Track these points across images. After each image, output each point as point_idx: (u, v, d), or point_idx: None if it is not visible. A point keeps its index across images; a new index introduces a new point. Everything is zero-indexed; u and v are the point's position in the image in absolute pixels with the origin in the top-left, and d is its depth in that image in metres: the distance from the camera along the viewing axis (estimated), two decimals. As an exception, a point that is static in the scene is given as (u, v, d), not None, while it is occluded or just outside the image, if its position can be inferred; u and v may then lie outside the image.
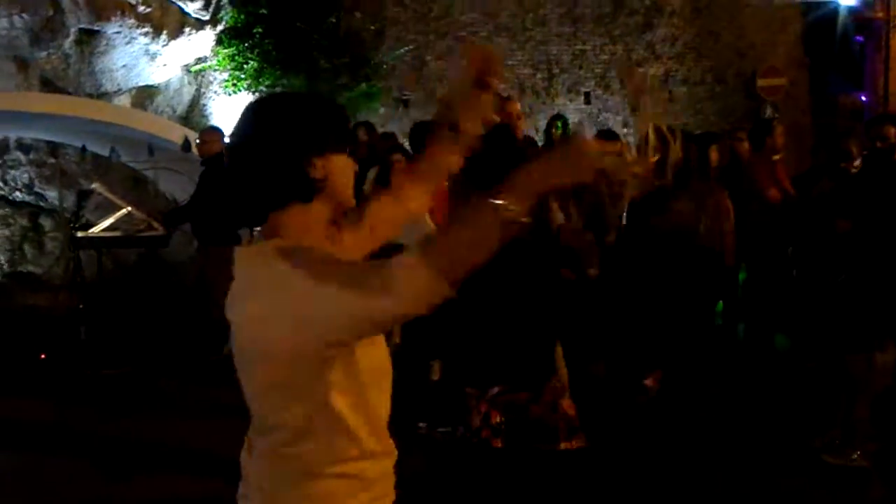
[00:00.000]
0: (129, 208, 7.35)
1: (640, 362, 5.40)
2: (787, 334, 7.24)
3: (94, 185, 7.35)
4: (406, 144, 9.35)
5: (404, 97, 12.33)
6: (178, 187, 10.67)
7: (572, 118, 12.37)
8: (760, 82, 13.07)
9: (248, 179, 1.79)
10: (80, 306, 6.88)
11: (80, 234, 7.10)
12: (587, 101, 12.80)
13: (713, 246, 6.69)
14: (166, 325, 7.18)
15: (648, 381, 5.27)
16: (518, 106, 6.98)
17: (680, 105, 13.15)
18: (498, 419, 2.76)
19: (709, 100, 13.20)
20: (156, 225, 7.29)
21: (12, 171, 11.78)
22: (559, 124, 8.48)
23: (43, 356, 7.19)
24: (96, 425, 5.89)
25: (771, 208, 6.89)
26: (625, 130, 12.03)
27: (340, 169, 1.80)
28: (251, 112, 1.87)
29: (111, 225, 7.23)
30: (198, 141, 7.45)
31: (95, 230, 7.18)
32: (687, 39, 13.18)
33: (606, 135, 6.61)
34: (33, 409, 6.26)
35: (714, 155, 6.38)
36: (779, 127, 7.65)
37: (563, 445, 2.79)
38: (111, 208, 7.47)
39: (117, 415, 6.10)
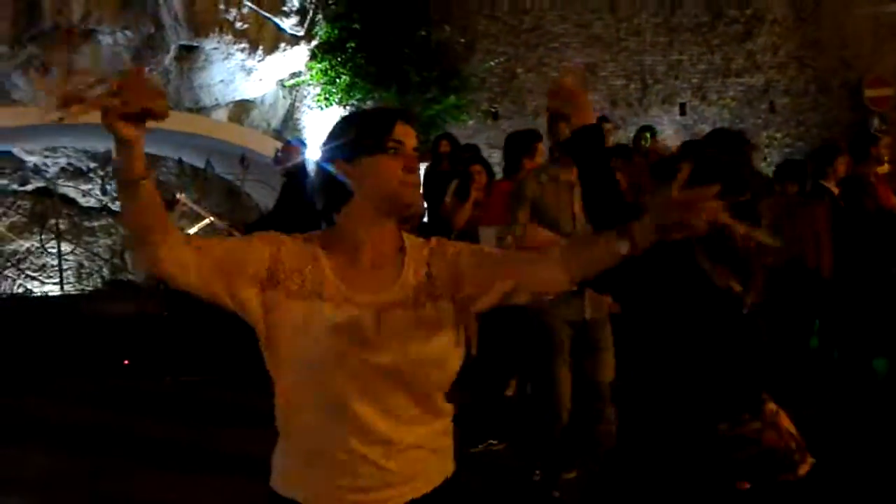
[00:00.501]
0: (212, 218, 7.50)
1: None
2: (887, 357, 6.86)
3: (178, 195, 7.52)
4: (491, 156, 9.31)
5: (493, 109, 12.28)
6: (270, 199, 10.88)
7: (665, 130, 12.11)
8: (867, 93, 12.54)
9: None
10: (164, 314, 7.04)
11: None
12: (682, 113, 12.51)
13: (809, 262, 6.42)
14: (245, 333, 7.27)
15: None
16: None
17: (781, 116, 12.71)
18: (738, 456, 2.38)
19: (812, 111, 12.73)
20: (237, 234, 7.41)
21: (114, 183, 12.22)
22: (647, 136, 8.30)
23: (126, 362, 7.38)
24: (169, 430, 5.99)
25: (874, 224, 6.54)
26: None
27: (375, 170, 1.94)
28: None
29: (194, 234, 7.38)
30: (279, 153, 7.56)
31: (179, 238, 7.27)
32: (789, 48, 12.76)
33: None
34: (107, 414, 6.43)
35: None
36: (884, 138, 7.27)
37: (802, 470, 2.42)
38: (197, 218, 7.64)
39: (191, 421, 6.20)
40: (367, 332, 1.91)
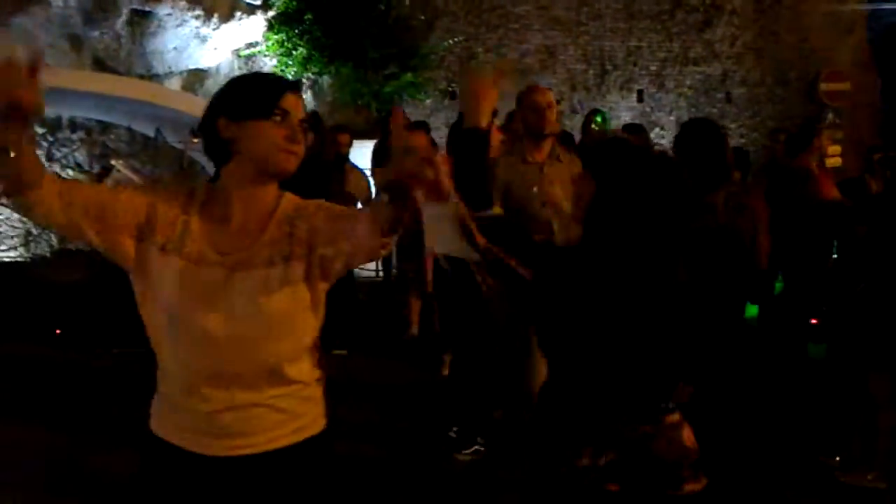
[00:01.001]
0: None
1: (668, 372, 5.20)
2: (824, 343, 6.92)
3: (113, 162, 7.36)
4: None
5: (451, 89, 12.20)
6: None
7: (623, 116, 12.13)
8: (823, 87, 12.64)
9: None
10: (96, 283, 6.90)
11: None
12: (640, 100, 12.53)
13: (746, 248, 6.45)
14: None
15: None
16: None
17: (738, 107, 12.78)
18: (610, 458, 2.29)
19: (768, 102, 12.81)
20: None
21: (63, 149, 11.99)
22: (598, 119, 8.28)
23: (58, 332, 7.26)
24: (94, 404, 5.91)
25: (813, 215, 6.58)
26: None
27: (258, 135, 1.99)
28: None
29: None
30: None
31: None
32: (747, 39, 12.81)
33: (632, 129, 6.37)
34: (40, 385, 6.32)
35: None
36: (837, 132, 7.28)
37: (688, 488, 2.35)
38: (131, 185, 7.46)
39: (119, 394, 6.10)
40: (212, 291, 1.98)
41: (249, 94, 2.03)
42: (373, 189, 7.40)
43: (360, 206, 6.83)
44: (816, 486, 4.80)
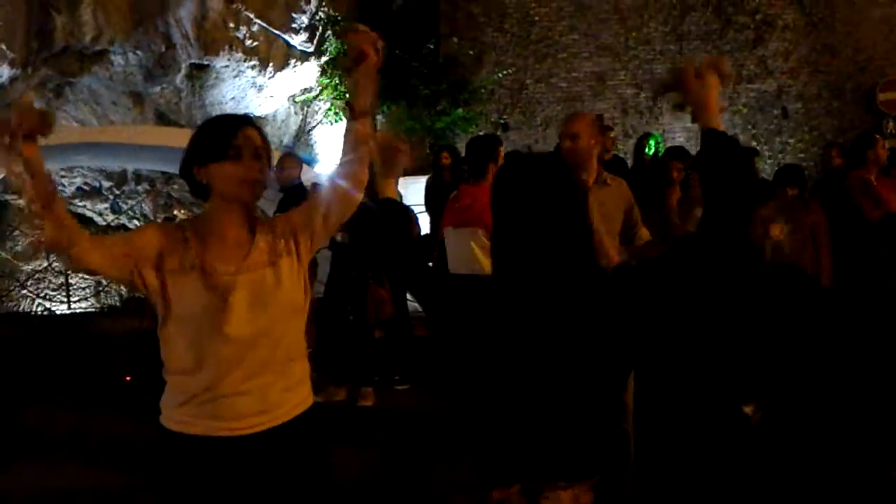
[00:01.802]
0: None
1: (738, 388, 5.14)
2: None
3: (175, 212, 7.57)
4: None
5: (503, 121, 12.29)
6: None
7: (677, 138, 12.06)
8: (881, 97, 12.38)
9: None
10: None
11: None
12: (693, 120, 12.42)
13: (806, 265, 6.35)
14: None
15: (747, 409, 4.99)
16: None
17: (794, 122, 12.60)
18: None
19: (825, 116, 12.60)
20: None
21: (130, 201, 12.39)
22: (651, 143, 8.27)
23: (128, 378, 7.46)
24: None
25: (870, 228, 6.46)
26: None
27: (220, 175, 2.37)
28: None
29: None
30: (276, 168, 7.55)
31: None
32: (801, 54, 12.65)
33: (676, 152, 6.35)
34: (118, 428, 6.50)
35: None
36: (881, 140, 7.16)
37: None
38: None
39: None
40: (228, 296, 2.34)
41: (206, 140, 2.41)
42: (423, 229, 7.46)
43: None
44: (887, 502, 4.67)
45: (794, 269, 6.34)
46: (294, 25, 11.98)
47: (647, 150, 8.48)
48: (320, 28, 12.14)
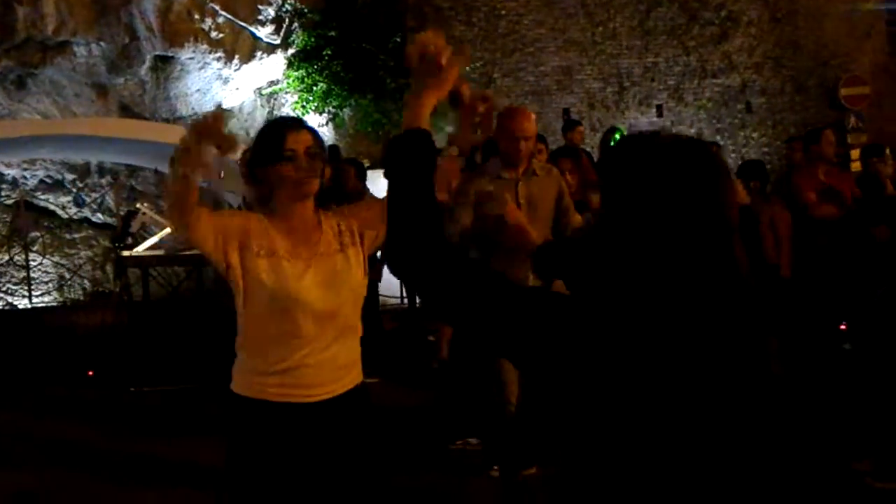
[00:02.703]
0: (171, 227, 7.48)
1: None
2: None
3: (139, 206, 7.50)
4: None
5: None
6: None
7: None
8: (844, 91, 12.57)
9: None
10: (125, 324, 7.02)
11: (125, 253, 7.27)
12: (659, 114, 12.53)
13: (768, 258, 6.43)
14: (208, 343, 7.29)
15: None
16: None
17: (758, 116, 12.74)
18: None
19: (789, 111, 12.75)
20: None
21: (93, 194, 12.23)
22: (615, 136, 8.31)
23: (91, 373, 7.37)
24: (131, 442, 5.98)
25: (817, 220, 6.54)
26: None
27: (278, 176, 2.67)
28: None
29: (155, 244, 7.38)
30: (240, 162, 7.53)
31: (139, 249, 7.33)
32: (765, 49, 12.78)
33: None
34: (75, 425, 6.42)
35: None
36: (826, 134, 7.21)
37: None
38: (159, 228, 7.61)
39: (153, 432, 6.19)
40: (303, 278, 2.65)
41: (263, 145, 2.70)
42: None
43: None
44: (848, 495, 4.74)
45: (755, 261, 6.41)
46: (260, 17, 11.89)
47: (611, 143, 8.53)
48: (287, 20, 12.06)
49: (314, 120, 11.96)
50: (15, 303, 11.64)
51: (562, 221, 4.55)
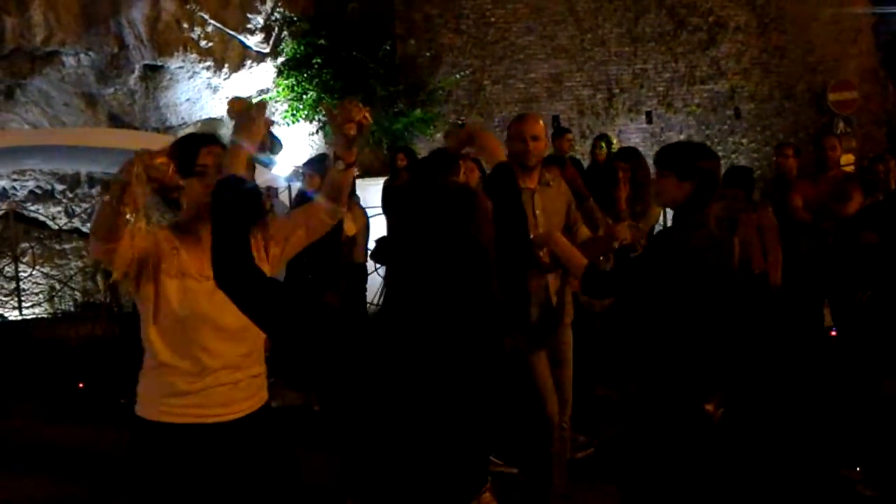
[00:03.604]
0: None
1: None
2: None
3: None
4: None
5: (461, 122, 12.32)
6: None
7: (633, 138, 12.18)
8: (832, 96, 12.63)
9: None
10: (116, 335, 7.01)
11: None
12: (649, 121, 12.57)
13: (755, 266, 6.44)
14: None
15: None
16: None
17: (747, 122, 12.79)
18: None
19: (777, 116, 12.81)
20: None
21: (83, 204, 12.20)
22: (603, 144, 8.35)
23: (81, 385, 7.36)
24: (121, 454, 5.96)
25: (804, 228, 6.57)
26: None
27: (190, 190, 2.67)
28: None
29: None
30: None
31: (130, 260, 7.28)
32: (753, 55, 12.85)
33: (627, 154, 6.38)
34: (66, 437, 6.40)
35: None
36: (829, 139, 7.26)
37: None
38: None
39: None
40: (214, 299, 2.49)
41: (177, 158, 2.66)
42: (371, 224, 7.40)
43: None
44: (838, 501, 4.76)
45: (743, 269, 6.42)
46: (249, 26, 11.89)
47: (599, 149, 8.58)
48: (276, 29, 12.07)
49: (304, 128, 11.98)
50: (5, 314, 11.59)
51: (571, 232, 4.55)
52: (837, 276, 5.79)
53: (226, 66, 11.85)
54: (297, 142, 11.75)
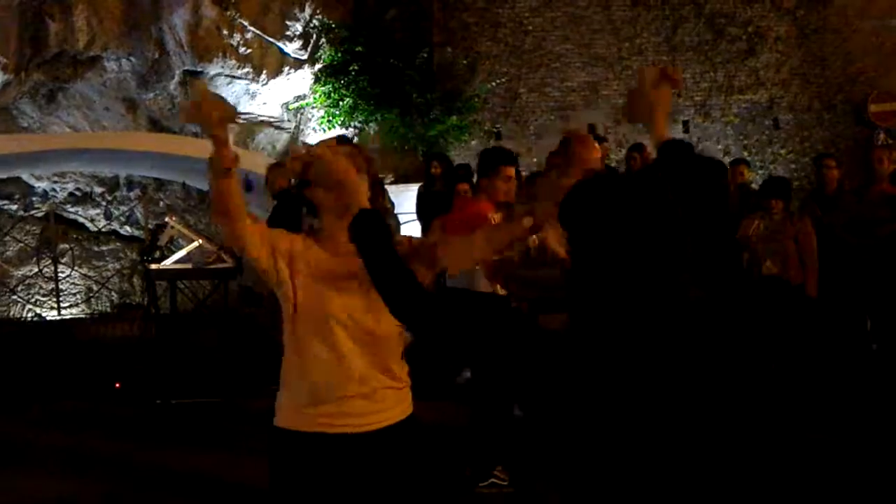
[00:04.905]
0: (201, 241, 7.55)
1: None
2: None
3: (167, 220, 7.57)
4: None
5: (496, 129, 12.32)
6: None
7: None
8: (872, 108, 12.45)
9: None
10: (153, 336, 7.09)
11: (153, 266, 7.35)
12: (686, 130, 12.47)
13: (791, 277, 6.38)
14: (235, 356, 7.33)
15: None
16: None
17: (786, 133, 12.65)
18: None
19: (817, 127, 12.65)
20: (225, 257, 7.44)
21: (122, 207, 12.36)
22: (636, 155, 8.31)
23: (118, 385, 7.44)
24: (157, 453, 6.02)
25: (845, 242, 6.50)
26: (726, 158, 11.62)
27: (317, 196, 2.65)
28: None
29: (183, 258, 7.45)
30: (248, 179, 7.59)
31: (167, 263, 7.42)
32: (793, 65, 12.71)
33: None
34: (102, 437, 6.47)
35: None
36: (894, 153, 7.15)
37: None
38: (187, 241, 7.69)
39: (179, 445, 6.23)
40: (353, 298, 2.59)
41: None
42: (401, 230, 7.45)
43: None
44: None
45: (779, 280, 6.37)
46: (288, 33, 11.98)
47: (633, 161, 8.52)
48: (314, 35, 12.15)
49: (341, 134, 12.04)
50: (44, 314, 11.77)
51: None
52: (878, 289, 5.72)
53: (264, 72, 11.95)
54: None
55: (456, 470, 5.31)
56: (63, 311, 11.66)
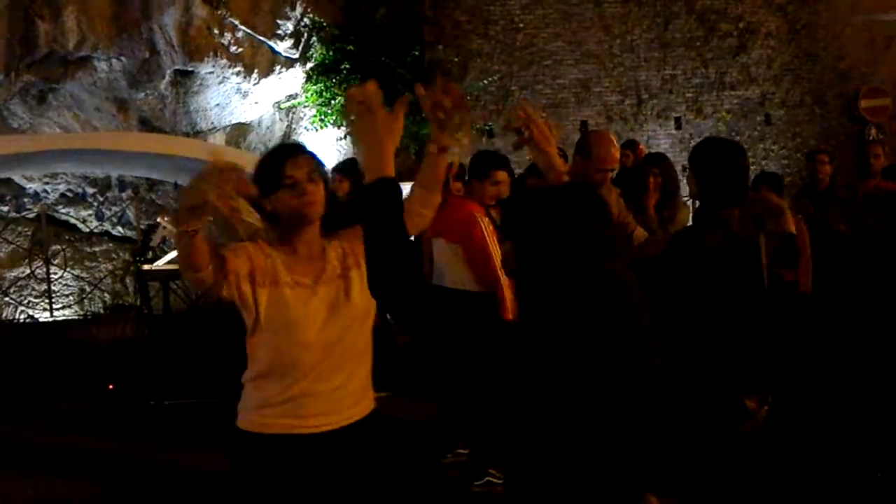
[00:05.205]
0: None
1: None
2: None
3: (159, 220, 7.56)
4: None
5: (488, 127, 12.32)
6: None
7: (661, 144, 12.11)
8: (863, 103, 12.51)
9: None
10: (146, 337, 7.07)
11: (145, 267, 7.33)
12: (678, 127, 12.51)
13: (786, 275, 6.37)
14: (228, 356, 7.29)
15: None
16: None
17: (777, 128, 12.69)
18: None
19: (808, 123, 12.70)
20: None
21: (114, 208, 12.32)
22: (629, 153, 8.28)
23: (111, 386, 7.42)
24: (151, 455, 6.01)
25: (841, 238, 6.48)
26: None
27: (280, 203, 2.63)
28: None
29: (175, 258, 7.42)
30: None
31: (159, 263, 7.40)
32: (784, 61, 12.75)
33: (654, 158, 6.35)
34: (95, 438, 6.45)
35: None
36: (873, 147, 7.17)
37: None
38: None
39: (173, 446, 6.21)
40: (310, 303, 2.64)
41: (262, 175, 2.66)
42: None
43: None
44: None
45: (772, 276, 6.34)
46: (279, 32, 11.96)
47: (625, 157, 8.49)
48: (305, 34, 12.13)
49: (333, 134, 12.03)
50: (36, 315, 11.72)
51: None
52: (874, 287, 5.70)
53: (255, 71, 11.91)
54: (325, 147, 11.79)
55: (426, 464, 5.37)
56: (56, 313, 11.62)
